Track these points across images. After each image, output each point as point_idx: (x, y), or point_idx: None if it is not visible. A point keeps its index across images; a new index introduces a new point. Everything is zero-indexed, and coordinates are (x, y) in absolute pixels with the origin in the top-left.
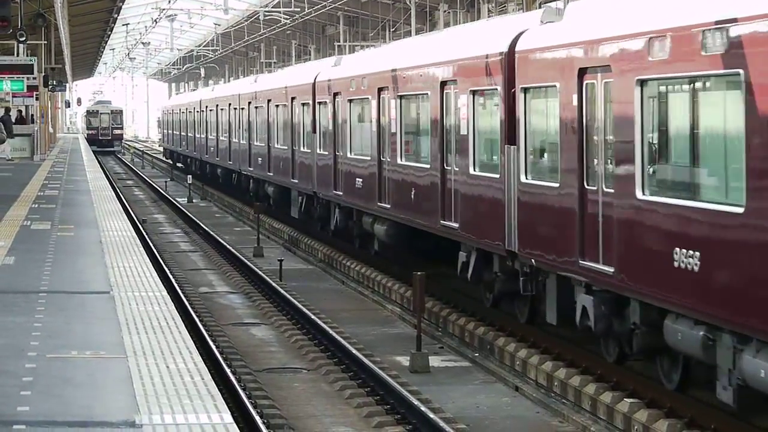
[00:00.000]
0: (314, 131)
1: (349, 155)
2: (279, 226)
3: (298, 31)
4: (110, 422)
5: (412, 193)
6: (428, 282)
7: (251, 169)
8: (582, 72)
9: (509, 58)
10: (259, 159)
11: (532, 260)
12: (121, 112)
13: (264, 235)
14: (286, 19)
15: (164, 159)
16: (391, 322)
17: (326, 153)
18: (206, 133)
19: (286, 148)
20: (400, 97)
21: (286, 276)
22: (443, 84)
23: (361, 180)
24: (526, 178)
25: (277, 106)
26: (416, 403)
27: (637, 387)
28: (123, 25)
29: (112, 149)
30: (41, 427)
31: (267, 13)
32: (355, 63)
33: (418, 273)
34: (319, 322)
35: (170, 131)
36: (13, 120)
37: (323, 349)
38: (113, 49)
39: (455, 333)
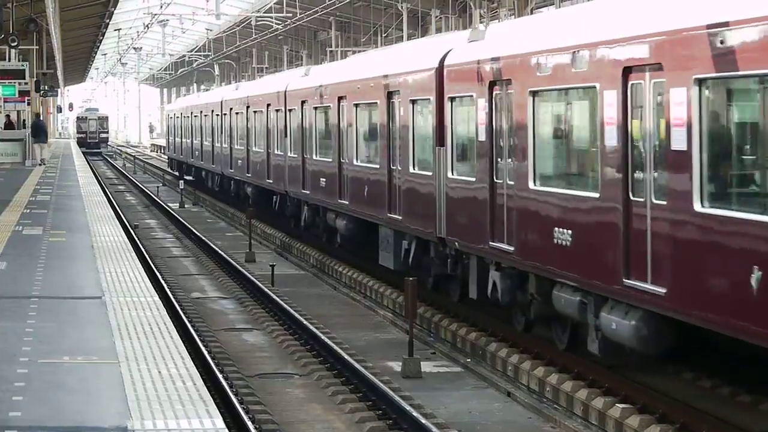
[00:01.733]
0: (441, 144)
1: (533, 186)
2: (271, 231)
3: (290, 36)
4: (102, 428)
5: (755, 275)
6: (420, 287)
7: (306, 192)
8: None
9: None
10: (322, 180)
11: None
12: (107, 118)
13: (256, 240)
14: (278, 24)
15: (170, 170)
16: (383, 327)
17: (471, 179)
18: (230, 142)
19: (377, 167)
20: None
21: (278, 281)
22: None
23: (569, 233)
24: None
25: (356, 105)
26: (408, 408)
27: (629, 392)
28: (115, 30)
29: (99, 150)
30: None
31: (259, 19)
32: (550, 29)
33: (410, 278)
34: (312, 327)
35: (178, 139)
36: (2, 126)
37: (315, 354)
38: (105, 54)
39: (447, 338)
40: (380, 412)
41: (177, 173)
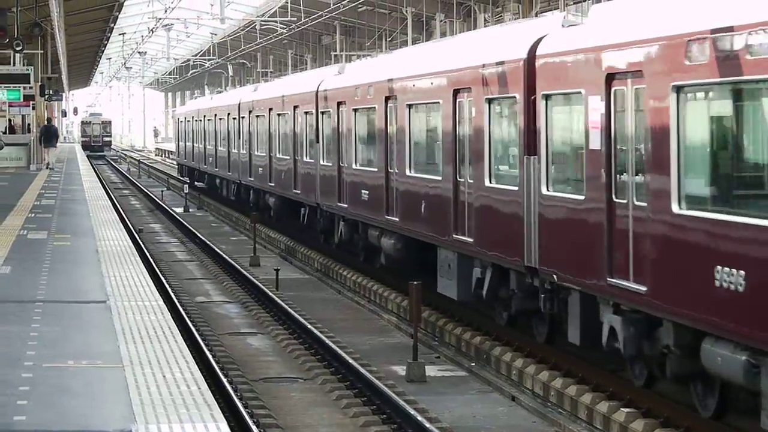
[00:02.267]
0: (531, 153)
1: (678, 209)
2: (275, 235)
3: (295, 40)
4: None
5: None
6: (425, 291)
7: (343, 205)
8: None
9: None
10: (364, 193)
11: None
12: (110, 122)
13: (260, 244)
14: (283, 28)
15: (180, 177)
16: (388, 331)
17: (578, 198)
18: (249, 148)
19: (438, 179)
20: None
21: (282, 285)
22: None
23: (742, 274)
24: None
25: (409, 106)
26: (413, 412)
27: (634, 396)
28: (119, 34)
29: (102, 153)
30: None
31: (263, 23)
32: None
33: (415, 282)
34: (316, 331)
35: (189, 144)
36: (5, 130)
37: (320, 358)
38: (110, 58)
39: (451, 342)
40: (384, 416)
41: (187, 180)
